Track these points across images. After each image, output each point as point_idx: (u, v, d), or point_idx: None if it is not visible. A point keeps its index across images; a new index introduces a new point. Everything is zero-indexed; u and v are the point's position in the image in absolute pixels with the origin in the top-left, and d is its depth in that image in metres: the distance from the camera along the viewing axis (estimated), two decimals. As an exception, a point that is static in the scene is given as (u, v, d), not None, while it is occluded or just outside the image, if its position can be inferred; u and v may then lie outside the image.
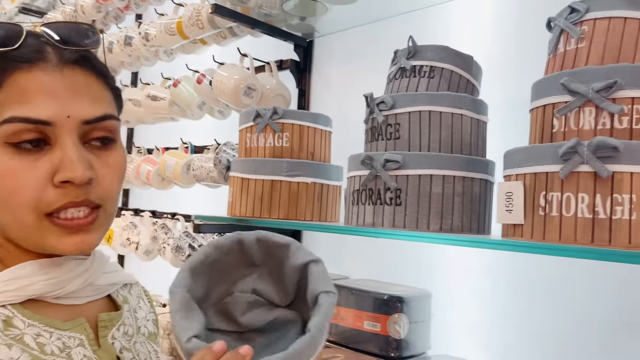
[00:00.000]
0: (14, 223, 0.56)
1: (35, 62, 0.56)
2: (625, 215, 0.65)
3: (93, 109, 0.58)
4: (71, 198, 0.56)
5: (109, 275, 0.67)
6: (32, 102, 0.54)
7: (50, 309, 0.60)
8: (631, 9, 0.74)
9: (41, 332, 0.58)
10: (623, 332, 0.97)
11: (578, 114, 0.72)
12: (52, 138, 0.55)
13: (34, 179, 0.55)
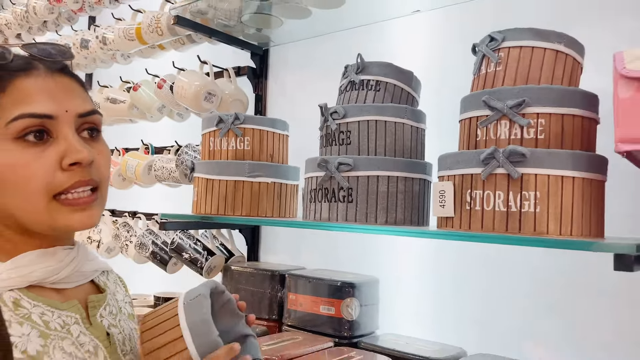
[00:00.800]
0: (26, 208, 0.66)
1: (30, 70, 0.68)
2: (531, 208, 0.82)
3: (84, 105, 0.70)
4: (79, 177, 0.67)
5: (91, 262, 0.77)
6: (35, 101, 0.66)
7: (48, 292, 0.70)
8: (537, 39, 0.90)
9: (45, 312, 0.68)
10: (542, 311, 1.16)
11: (496, 126, 0.88)
12: (54, 131, 0.66)
13: (44, 167, 0.65)
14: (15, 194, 0.65)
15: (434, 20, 1.36)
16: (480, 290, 1.24)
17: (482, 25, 1.13)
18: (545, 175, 0.81)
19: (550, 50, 0.90)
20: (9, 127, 0.64)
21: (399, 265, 1.38)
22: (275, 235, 1.65)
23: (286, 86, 1.68)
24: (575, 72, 0.93)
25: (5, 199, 0.66)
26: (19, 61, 0.68)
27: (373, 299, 1.32)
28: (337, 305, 1.26)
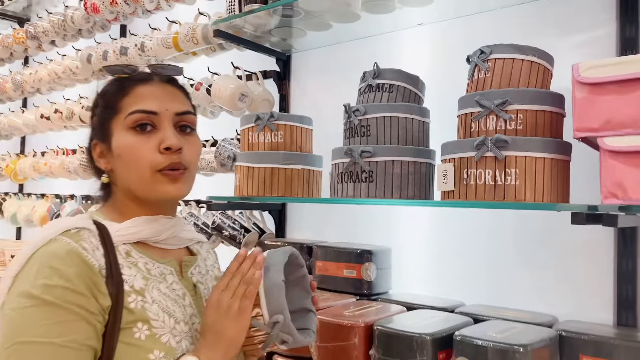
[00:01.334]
0: (137, 179, 0.88)
1: (147, 80, 0.92)
2: (512, 182, 1.08)
3: (181, 107, 0.92)
4: (171, 160, 0.88)
5: (187, 232, 1.01)
6: (146, 102, 0.89)
7: (152, 250, 0.92)
8: (517, 53, 1.17)
9: (147, 262, 0.90)
10: (525, 266, 1.43)
11: (485, 120, 1.14)
12: (157, 124, 0.89)
13: (148, 149, 0.88)
14: (130, 168, 0.88)
15: (435, 32, 1.62)
16: (475, 251, 1.51)
17: (475, 38, 1.40)
18: (523, 156, 1.08)
19: (527, 61, 1.17)
20: (126, 120, 0.88)
21: (407, 236, 1.65)
22: (299, 215, 1.92)
23: (307, 87, 1.94)
24: (546, 78, 1.20)
25: (125, 173, 0.89)
26: (141, 74, 0.94)
27: (387, 264, 1.59)
28: (358, 269, 1.53)
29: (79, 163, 2.46)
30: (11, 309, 0.78)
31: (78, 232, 0.84)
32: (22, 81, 2.89)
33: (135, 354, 0.82)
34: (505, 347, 1.03)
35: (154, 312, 0.85)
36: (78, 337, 0.77)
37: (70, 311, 0.77)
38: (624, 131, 0.97)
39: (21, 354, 0.75)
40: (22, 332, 0.76)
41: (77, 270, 0.79)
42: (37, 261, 0.80)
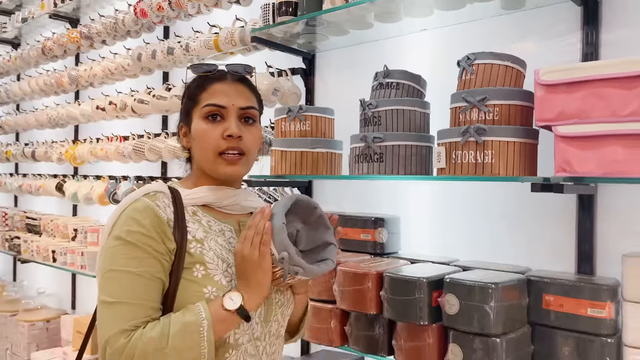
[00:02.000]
0: (205, 159, 1.10)
1: (222, 79, 1.13)
2: (489, 160, 1.40)
3: (246, 102, 1.13)
4: (231, 145, 1.09)
5: (249, 202, 1.19)
6: (218, 97, 1.11)
7: (215, 212, 1.14)
8: (495, 59, 1.48)
9: (210, 220, 1.12)
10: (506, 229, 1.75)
11: (470, 112, 1.46)
12: (225, 116, 1.10)
13: (214, 136, 1.09)
14: (202, 150, 1.11)
15: (436, 37, 1.93)
16: (466, 217, 1.84)
17: (467, 42, 1.72)
18: (498, 141, 1.40)
19: (503, 66, 1.48)
20: (202, 110, 1.11)
21: (412, 207, 1.98)
22: (323, 190, 2.26)
23: (328, 82, 2.27)
24: (519, 79, 1.51)
25: (198, 153, 1.12)
26: (218, 73, 1.15)
27: (396, 230, 1.93)
28: (372, 233, 1.87)
29: (132, 148, 2.83)
30: (106, 247, 1.04)
31: (155, 194, 1.09)
32: (77, 76, 3.28)
33: (193, 288, 1.03)
34: (481, 285, 1.36)
35: (210, 257, 1.06)
36: (149, 270, 1.00)
37: (144, 250, 1.01)
38: (571, 121, 1.29)
39: (110, 279, 1.00)
40: (111, 263, 1.01)
41: (151, 221, 1.03)
42: (124, 214, 1.05)
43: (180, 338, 0.96)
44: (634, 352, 1.33)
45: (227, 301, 1.01)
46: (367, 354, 1.60)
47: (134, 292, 0.99)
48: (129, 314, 0.97)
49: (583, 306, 1.38)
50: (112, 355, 0.96)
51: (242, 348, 1.07)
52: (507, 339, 1.36)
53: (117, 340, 0.95)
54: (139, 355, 0.95)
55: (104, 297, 1.00)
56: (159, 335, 0.96)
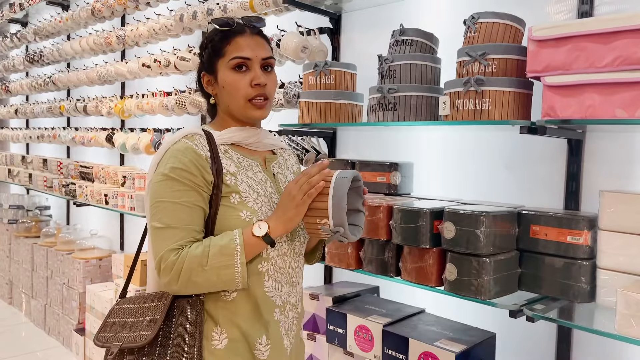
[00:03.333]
0: (235, 105, 1.27)
1: (243, 32, 1.28)
2: (486, 107, 1.62)
3: (266, 53, 1.29)
4: (259, 92, 1.27)
5: (269, 139, 1.39)
6: (243, 50, 1.26)
7: (243, 150, 1.32)
8: (496, 18, 1.67)
9: (239, 157, 1.30)
10: (505, 172, 1.97)
11: (472, 65, 1.67)
12: (250, 66, 1.26)
13: (244, 83, 1.26)
14: (231, 97, 1.27)
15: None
16: (470, 162, 2.06)
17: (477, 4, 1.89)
18: (494, 90, 1.61)
19: (504, 24, 1.67)
20: (229, 62, 1.26)
21: (423, 154, 2.21)
22: (345, 140, 2.51)
23: (353, 40, 2.48)
24: (518, 36, 1.69)
25: (227, 100, 1.28)
26: (239, 27, 1.28)
27: (409, 174, 2.17)
28: (387, 175, 2.11)
29: (175, 102, 3.13)
30: (153, 182, 1.22)
31: (192, 135, 1.25)
32: (124, 36, 3.57)
33: (231, 213, 1.22)
34: (474, 213, 1.60)
35: (242, 187, 1.25)
36: (190, 199, 1.19)
37: (184, 184, 1.19)
38: (555, 72, 1.48)
39: (158, 208, 1.19)
40: (158, 195, 1.19)
41: (191, 158, 1.20)
42: (167, 154, 1.23)
43: (217, 258, 1.15)
44: (605, 273, 1.55)
45: (255, 229, 1.20)
46: (378, 275, 1.87)
47: (179, 218, 1.18)
48: (176, 236, 1.17)
49: (563, 234, 1.60)
50: (165, 270, 1.16)
51: (272, 261, 1.28)
52: (495, 260, 1.60)
53: (168, 257, 1.15)
54: (185, 269, 1.14)
55: (154, 223, 1.19)
56: (200, 254, 1.15)
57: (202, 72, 1.33)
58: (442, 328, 1.86)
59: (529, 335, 1.89)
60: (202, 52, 1.33)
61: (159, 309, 1.21)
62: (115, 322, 1.25)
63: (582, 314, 1.57)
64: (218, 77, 1.29)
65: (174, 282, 1.16)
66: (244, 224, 1.23)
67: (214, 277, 1.16)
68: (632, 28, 1.34)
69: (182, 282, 1.16)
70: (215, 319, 1.24)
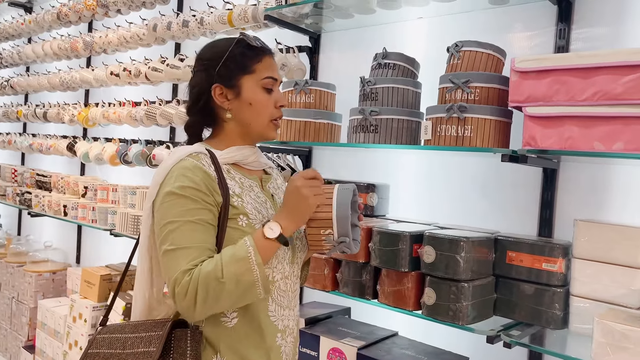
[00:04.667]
0: (259, 123, 1.27)
1: (269, 54, 1.30)
2: (468, 134, 1.64)
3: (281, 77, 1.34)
4: (280, 113, 1.30)
5: (264, 159, 1.39)
6: (273, 71, 1.29)
7: (242, 169, 1.30)
8: (479, 47, 1.71)
9: (241, 177, 1.28)
10: (482, 197, 2.00)
11: (455, 92, 1.70)
12: (274, 88, 1.29)
13: (270, 104, 1.28)
14: (257, 115, 1.27)
15: (431, 25, 2.16)
16: (447, 186, 2.09)
17: (456, 32, 1.94)
18: (476, 117, 1.64)
19: (486, 54, 1.71)
20: (262, 82, 1.26)
21: (401, 176, 2.23)
22: (322, 159, 2.50)
23: (332, 60, 2.49)
24: (499, 65, 1.74)
25: (250, 117, 1.26)
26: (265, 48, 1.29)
27: (386, 195, 2.18)
28: (365, 197, 2.11)
29: (144, 113, 3.04)
30: (160, 204, 1.16)
31: (197, 154, 1.21)
32: (92, 42, 3.46)
33: (240, 235, 1.18)
34: (455, 238, 1.61)
35: (249, 209, 1.23)
36: (203, 218, 1.15)
37: (197, 202, 1.15)
38: (537, 103, 1.53)
39: (169, 230, 1.13)
40: (168, 216, 1.14)
41: (201, 177, 1.16)
42: (174, 172, 1.17)
43: (232, 266, 1.09)
44: (578, 300, 1.59)
45: (267, 231, 1.16)
46: (355, 297, 1.85)
47: (192, 237, 1.12)
48: (188, 256, 1.11)
49: (539, 261, 1.63)
50: (180, 293, 1.09)
51: (276, 284, 1.26)
52: (473, 285, 1.61)
53: (182, 279, 1.09)
54: (201, 288, 1.07)
55: (165, 246, 1.13)
56: (213, 267, 1.09)
57: (215, 84, 1.26)
58: (416, 352, 1.86)
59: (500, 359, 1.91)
60: (218, 64, 1.26)
61: (153, 339, 1.13)
62: (100, 353, 1.17)
63: (555, 340, 1.60)
64: (243, 93, 1.26)
65: (192, 304, 1.09)
66: None
67: (232, 286, 1.09)
68: (611, 65, 1.40)
69: (201, 303, 1.09)
70: (215, 346, 1.19)
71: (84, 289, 3.26)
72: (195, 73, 1.31)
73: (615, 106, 1.40)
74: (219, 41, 1.32)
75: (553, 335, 1.62)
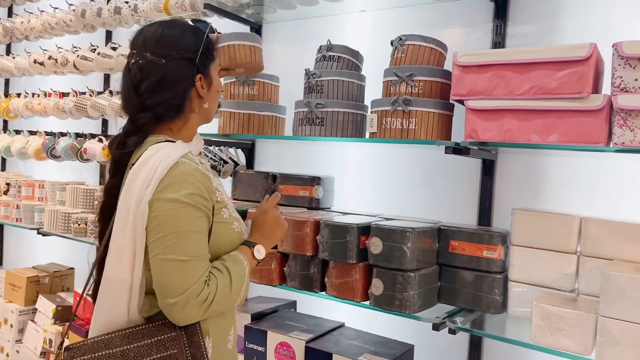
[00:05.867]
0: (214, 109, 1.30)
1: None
2: (413, 127, 1.68)
3: None
4: None
5: None
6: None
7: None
8: (422, 41, 1.74)
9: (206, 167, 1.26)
10: (424, 188, 2.05)
11: (399, 86, 1.72)
12: None
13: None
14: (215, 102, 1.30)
15: (373, 18, 2.18)
16: (391, 178, 2.13)
17: (398, 26, 1.97)
18: (421, 111, 1.67)
19: (429, 48, 1.75)
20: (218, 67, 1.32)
21: (346, 169, 2.24)
22: (265, 152, 2.47)
23: (274, 52, 2.45)
24: (441, 59, 1.78)
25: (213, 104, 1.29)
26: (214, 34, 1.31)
27: (330, 188, 2.18)
28: (310, 189, 2.11)
29: (73, 104, 2.87)
30: (162, 210, 1.09)
31: (187, 154, 1.17)
32: (12, 28, 3.21)
33: (226, 228, 1.23)
34: (401, 229, 1.64)
35: (225, 199, 1.26)
36: (204, 226, 1.15)
37: (202, 210, 1.14)
38: (478, 97, 1.58)
39: (179, 239, 1.10)
40: (177, 225, 1.10)
41: (203, 181, 1.14)
42: (175, 178, 1.11)
43: (237, 285, 1.19)
44: (516, 285, 1.67)
45: (257, 253, 1.28)
46: (303, 290, 1.85)
47: (201, 248, 1.14)
48: (202, 268, 1.13)
49: (480, 249, 1.70)
50: (196, 304, 1.10)
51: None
52: (419, 274, 1.65)
53: (200, 290, 1.10)
54: (216, 300, 1.13)
55: (175, 255, 1.09)
56: (228, 284, 1.16)
57: (199, 74, 1.23)
58: (363, 342, 1.89)
59: (444, 344, 1.98)
60: (196, 54, 1.21)
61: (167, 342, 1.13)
62: None
63: (496, 324, 1.67)
64: (213, 82, 1.28)
65: (200, 314, 1.14)
66: (237, 235, 1.27)
67: (230, 303, 1.20)
68: (546, 60, 1.47)
69: (209, 313, 1.15)
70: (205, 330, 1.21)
71: (8, 293, 3.05)
72: (167, 62, 1.19)
73: (550, 100, 1.47)
74: (182, 25, 1.24)
75: (493, 320, 1.69)
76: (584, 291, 1.54)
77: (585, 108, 1.41)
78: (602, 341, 1.34)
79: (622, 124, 1.36)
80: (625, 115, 1.35)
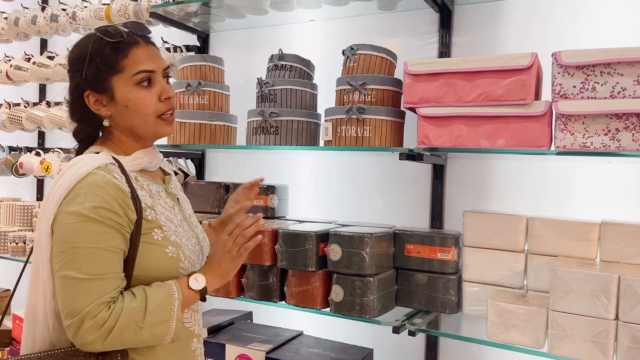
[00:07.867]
0: (143, 123, 1.14)
1: (138, 44, 1.13)
2: (367, 134, 1.71)
3: (164, 62, 1.18)
4: (169, 106, 1.16)
5: (160, 156, 1.27)
6: (145, 63, 1.12)
7: (147, 174, 1.20)
8: (373, 51, 1.78)
9: (149, 184, 1.18)
10: (377, 194, 2.09)
11: (352, 94, 1.75)
12: (154, 80, 1.14)
13: (152, 99, 1.13)
14: (139, 116, 1.13)
15: (323, 27, 2.20)
16: (345, 184, 2.15)
17: (348, 35, 2.00)
18: (374, 118, 1.71)
19: (380, 57, 1.79)
20: (133, 78, 1.11)
21: (300, 177, 2.25)
22: (215, 162, 2.43)
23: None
24: (392, 68, 1.83)
25: (133, 119, 1.14)
26: (129, 37, 1.12)
27: (285, 196, 2.18)
28: (265, 199, 2.10)
29: (6, 116, 2.71)
30: (64, 223, 1.03)
31: (106, 166, 1.09)
32: None
33: (156, 251, 1.12)
34: (360, 235, 1.67)
35: (163, 220, 1.15)
36: (115, 243, 1.05)
37: (109, 226, 1.04)
38: (429, 104, 1.63)
39: (78, 255, 1.02)
40: (77, 240, 1.02)
41: (114, 195, 1.05)
42: (82, 189, 1.04)
43: (155, 315, 1.05)
44: (469, 285, 1.73)
45: (192, 282, 1.13)
46: (261, 301, 1.83)
47: (106, 267, 1.03)
48: (104, 288, 1.02)
49: (434, 252, 1.75)
50: (91, 328, 1.00)
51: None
52: (378, 279, 1.68)
53: (97, 313, 1.00)
54: (118, 327, 1.01)
55: (70, 272, 1.02)
56: (137, 310, 1.03)
57: (87, 91, 1.14)
58: (324, 349, 1.89)
59: (401, 346, 2.02)
60: (84, 68, 1.13)
61: None
62: None
63: (452, 323, 1.73)
64: (116, 96, 1.13)
65: (100, 341, 1.01)
66: (172, 261, 1.14)
67: (147, 334, 1.06)
68: (492, 69, 1.54)
69: (110, 341, 1.02)
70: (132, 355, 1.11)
71: None
72: (70, 77, 1.18)
73: (497, 106, 1.54)
74: (84, 38, 1.18)
75: (449, 319, 1.74)
76: (533, 287, 1.63)
77: (529, 114, 1.50)
78: (554, 334, 1.41)
79: (563, 128, 1.45)
80: (566, 120, 1.44)
